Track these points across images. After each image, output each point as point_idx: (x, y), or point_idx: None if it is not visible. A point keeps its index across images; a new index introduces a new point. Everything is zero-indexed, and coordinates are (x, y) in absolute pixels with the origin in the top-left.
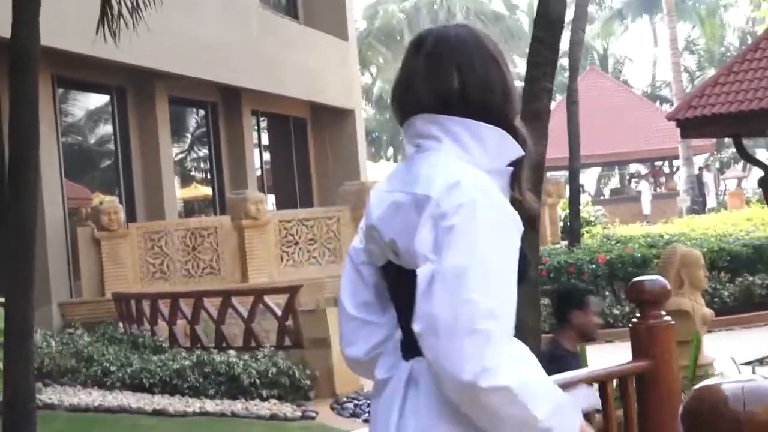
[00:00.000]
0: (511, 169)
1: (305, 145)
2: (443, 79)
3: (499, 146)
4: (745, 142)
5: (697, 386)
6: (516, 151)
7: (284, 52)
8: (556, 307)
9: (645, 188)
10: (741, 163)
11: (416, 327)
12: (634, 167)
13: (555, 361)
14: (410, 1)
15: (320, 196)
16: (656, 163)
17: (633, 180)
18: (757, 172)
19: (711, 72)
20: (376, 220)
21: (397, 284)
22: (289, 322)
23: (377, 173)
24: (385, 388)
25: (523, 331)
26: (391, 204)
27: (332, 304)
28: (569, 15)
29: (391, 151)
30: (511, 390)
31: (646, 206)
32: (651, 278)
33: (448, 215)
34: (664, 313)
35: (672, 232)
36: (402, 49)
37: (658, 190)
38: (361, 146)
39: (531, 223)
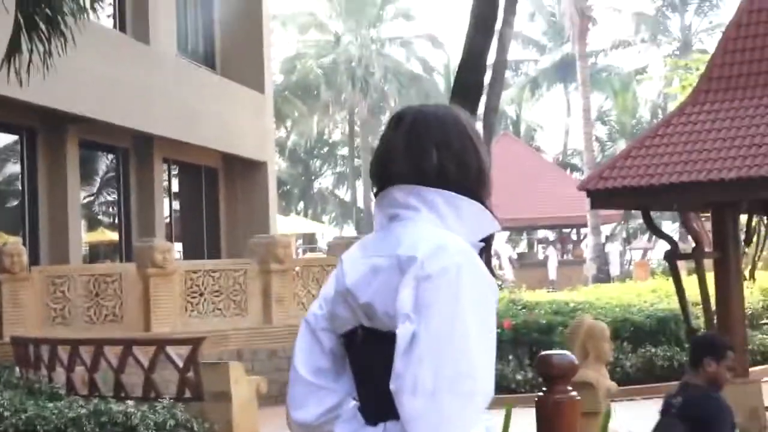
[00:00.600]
0: (483, 244)
1: (216, 195)
2: (423, 155)
3: (476, 219)
4: (653, 214)
5: None
6: (492, 226)
7: (199, 102)
8: (692, 352)
9: (552, 254)
10: (647, 234)
11: (393, 386)
12: (542, 233)
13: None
14: (328, 57)
15: (228, 247)
16: (564, 230)
17: (540, 246)
18: (663, 244)
19: (622, 143)
20: (350, 284)
21: (365, 350)
22: (191, 374)
23: (287, 227)
24: None
25: None
26: (370, 268)
27: (235, 357)
28: (486, 80)
29: (302, 205)
30: None
31: (552, 272)
32: (560, 353)
33: (432, 277)
34: (570, 387)
35: (578, 299)
36: (319, 104)
37: (565, 256)
38: (272, 199)
39: None
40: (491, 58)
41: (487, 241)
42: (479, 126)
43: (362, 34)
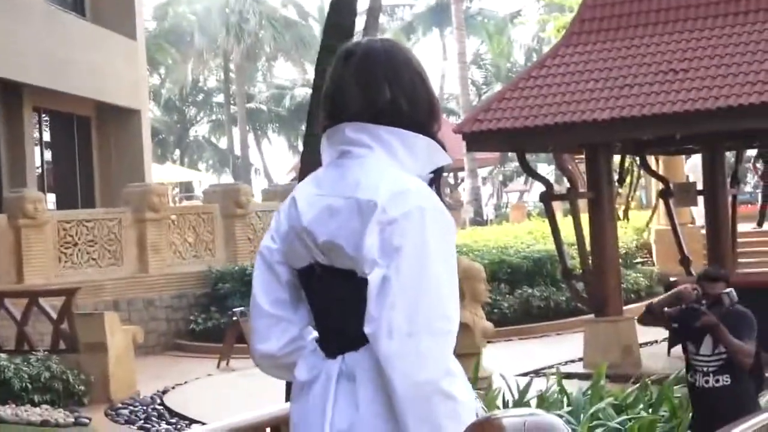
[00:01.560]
0: (432, 175)
1: (89, 144)
2: (375, 91)
3: (427, 154)
4: (528, 156)
5: (478, 420)
6: (443, 158)
7: (70, 49)
8: None
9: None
10: (524, 177)
11: (368, 329)
12: None
13: None
14: (201, 3)
15: (103, 197)
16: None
17: None
18: (539, 187)
19: (498, 87)
20: (306, 223)
21: (321, 286)
22: (65, 326)
23: (163, 175)
24: (311, 388)
25: None
26: (325, 207)
27: (111, 308)
28: (360, 24)
29: (177, 153)
30: (458, 405)
31: None
32: None
33: (397, 221)
34: None
35: (455, 243)
36: (192, 50)
37: (445, 201)
38: (146, 147)
39: None
40: (365, 2)
41: (438, 172)
42: None
43: None
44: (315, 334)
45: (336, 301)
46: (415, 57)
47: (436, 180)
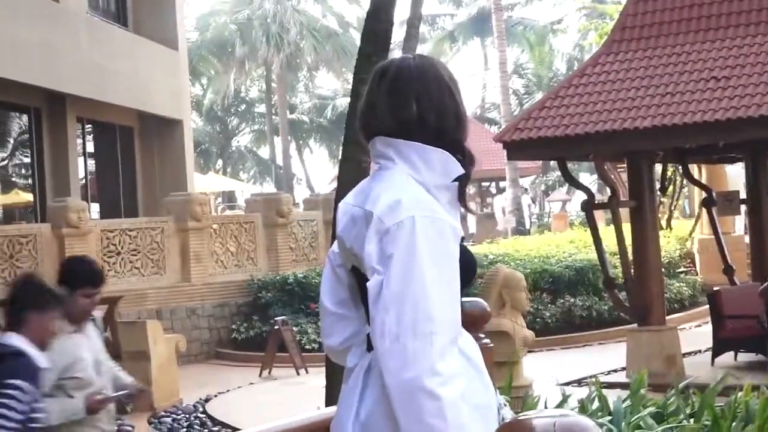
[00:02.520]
0: (456, 184)
1: (132, 154)
2: (403, 107)
3: (443, 166)
4: (570, 165)
5: (508, 421)
6: (457, 169)
7: (112, 60)
8: None
9: (476, 210)
10: (566, 186)
11: (369, 329)
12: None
13: None
14: (242, 13)
15: (146, 206)
16: (483, 184)
17: None
18: (581, 196)
19: (539, 96)
20: (340, 230)
21: (362, 286)
22: (108, 334)
23: (205, 185)
24: (350, 375)
25: None
26: (350, 217)
27: (154, 316)
28: (401, 34)
29: (220, 163)
30: (443, 404)
31: (473, 225)
32: (471, 300)
33: (391, 231)
34: (483, 335)
35: (496, 252)
36: (234, 60)
37: (485, 210)
38: (188, 157)
39: None
40: (405, 12)
41: (461, 180)
42: None
43: None
44: (367, 329)
45: (366, 300)
46: (447, 71)
47: (460, 188)
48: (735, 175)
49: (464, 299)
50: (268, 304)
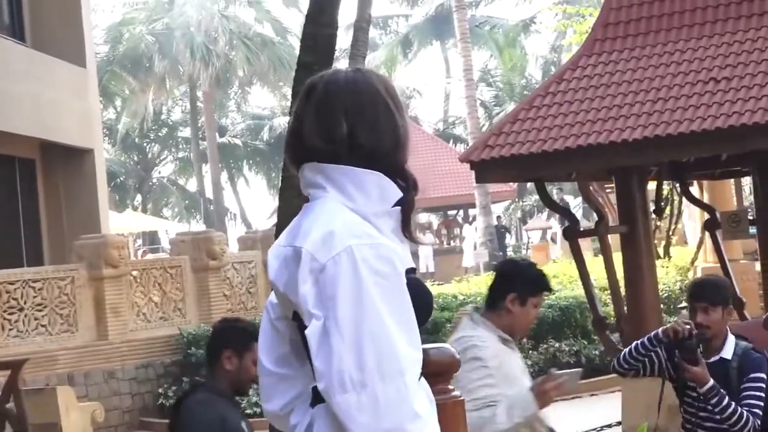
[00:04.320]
0: (399, 209)
1: (34, 191)
2: (331, 123)
3: (379, 191)
4: (549, 187)
5: None
6: (396, 193)
7: (7, 81)
8: None
9: (425, 241)
10: (546, 212)
11: (320, 385)
12: (424, 217)
13: None
14: (161, 21)
15: (53, 252)
16: (449, 213)
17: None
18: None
19: (511, 106)
20: (272, 277)
21: (301, 336)
22: (11, 404)
23: (122, 224)
24: None
25: None
26: (283, 258)
27: (66, 382)
28: (348, 40)
29: (138, 198)
30: None
31: (428, 262)
32: (437, 346)
33: (327, 267)
34: (452, 387)
35: (468, 292)
36: (152, 77)
37: (452, 243)
38: (101, 193)
39: None
40: (352, 15)
41: (404, 208)
42: None
43: None
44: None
45: (308, 350)
46: (385, 84)
47: (404, 214)
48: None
49: (429, 345)
50: (200, 363)
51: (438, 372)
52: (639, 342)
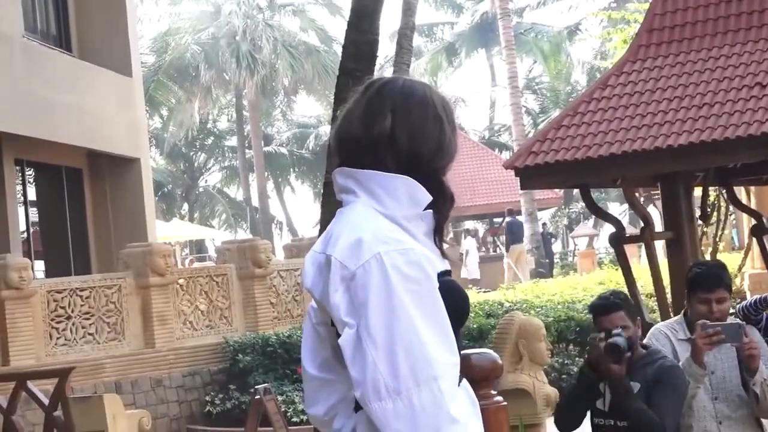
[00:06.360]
0: (431, 212)
1: (81, 200)
2: (376, 116)
3: (409, 195)
4: (595, 194)
5: None
6: (425, 197)
7: (54, 91)
8: None
9: (471, 247)
10: (592, 219)
11: (357, 393)
12: (470, 224)
13: None
14: (206, 31)
15: (100, 261)
16: (495, 220)
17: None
18: (610, 229)
19: (556, 113)
20: (308, 283)
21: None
22: (59, 413)
23: (169, 233)
24: None
25: None
26: (318, 265)
27: (113, 390)
28: (392, 48)
29: (185, 207)
30: None
31: (474, 269)
32: (479, 352)
33: (357, 275)
34: (494, 392)
35: (513, 299)
36: (198, 86)
37: (498, 250)
38: (148, 201)
39: None
40: (396, 23)
41: (438, 218)
42: None
43: (246, 2)
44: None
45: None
46: (443, 100)
47: (437, 223)
48: None
49: (471, 351)
50: (246, 371)
51: (479, 377)
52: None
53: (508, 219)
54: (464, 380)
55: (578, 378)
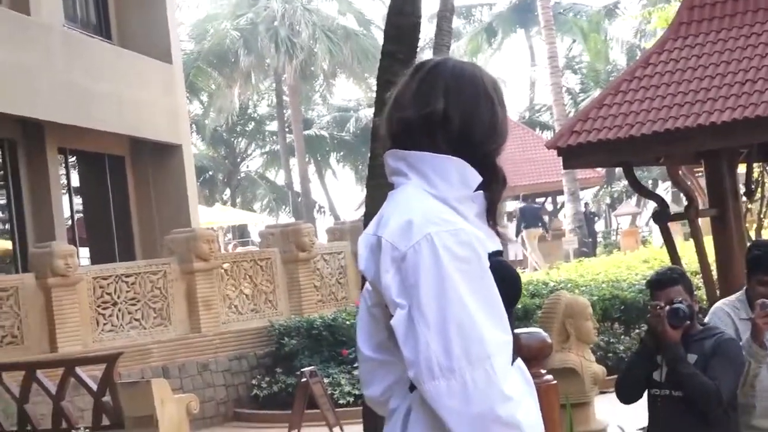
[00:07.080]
0: (482, 193)
1: (124, 187)
2: (429, 97)
3: (460, 176)
4: (638, 172)
5: None
6: (476, 178)
7: (96, 79)
8: None
9: (511, 229)
10: (635, 197)
11: (411, 373)
12: (512, 205)
13: None
14: (245, 17)
15: (144, 247)
16: (537, 200)
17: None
18: (653, 207)
19: (596, 92)
20: (362, 265)
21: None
22: (107, 398)
23: (212, 218)
24: (391, 418)
25: None
26: (370, 247)
27: (160, 374)
28: (432, 30)
29: (227, 193)
30: (521, 429)
31: (517, 249)
32: (528, 331)
33: (408, 256)
34: (544, 371)
35: (558, 278)
36: (238, 72)
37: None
38: (191, 187)
39: None
40: (435, 4)
41: (491, 200)
42: None
43: None
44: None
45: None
46: (492, 80)
47: (490, 205)
48: None
49: (521, 330)
50: (292, 354)
51: (529, 357)
52: None
53: (521, 205)
54: (518, 359)
55: (638, 348)
